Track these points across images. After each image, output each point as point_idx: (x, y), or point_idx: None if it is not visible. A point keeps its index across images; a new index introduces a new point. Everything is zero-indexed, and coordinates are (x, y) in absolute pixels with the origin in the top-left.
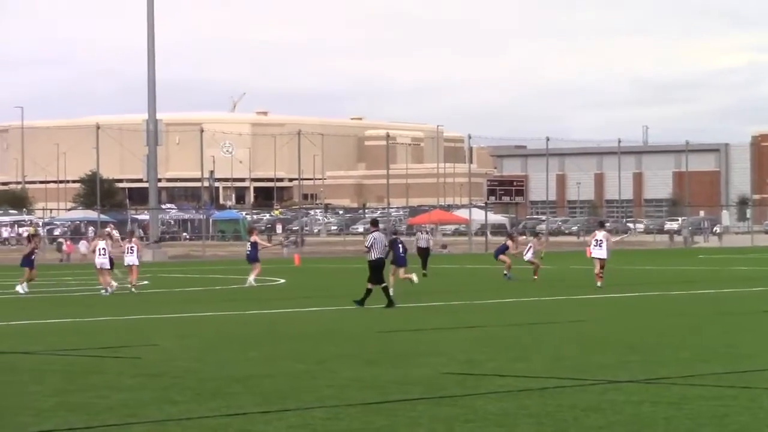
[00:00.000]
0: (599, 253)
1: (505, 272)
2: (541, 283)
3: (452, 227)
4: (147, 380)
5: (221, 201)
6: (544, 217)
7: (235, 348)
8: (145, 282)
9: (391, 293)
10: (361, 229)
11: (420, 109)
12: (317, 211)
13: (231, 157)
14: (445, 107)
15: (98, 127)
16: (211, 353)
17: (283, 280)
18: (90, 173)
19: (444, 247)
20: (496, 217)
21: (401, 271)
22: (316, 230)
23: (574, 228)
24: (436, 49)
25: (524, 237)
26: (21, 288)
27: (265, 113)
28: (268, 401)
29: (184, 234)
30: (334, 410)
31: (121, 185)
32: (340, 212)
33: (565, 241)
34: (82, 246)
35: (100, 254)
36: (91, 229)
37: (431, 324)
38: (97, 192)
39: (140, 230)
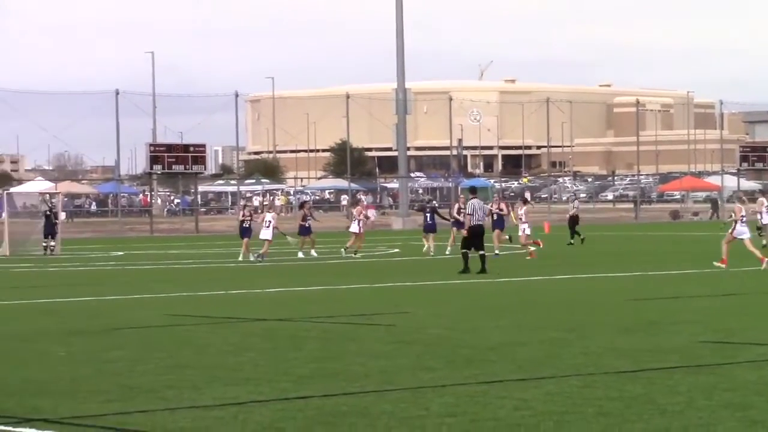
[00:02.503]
0: (744, 231)
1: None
2: None
3: (703, 194)
4: (401, 347)
5: (469, 169)
6: None
7: (487, 316)
8: (396, 250)
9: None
10: (610, 196)
11: (669, 75)
12: (566, 178)
13: (479, 125)
14: (695, 73)
15: (348, 97)
16: (463, 321)
17: (532, 248)
18: (340, 142)
19: (695, 214)
20: (748, 184)
21: (431, 236)
22: (564, 198)
23: None
24: (687, 14)
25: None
26: (311, 252)
27: (512, 81)
28: (523, 369)
29: (433, 202)
30: (589, 378)
31: (370, 154)
32: (589, 180)
33: None
34: (371, 213)
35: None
36: (343, 197)
37: (685, 292)
38: (347, 161)
39: (390, 198)
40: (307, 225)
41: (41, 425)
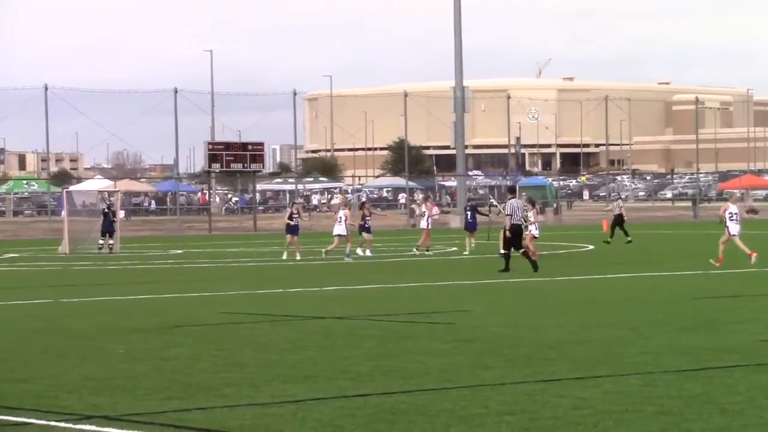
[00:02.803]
0: (737, 229)
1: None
2: None
3: (763, 192)
4: (460, 345)
5: (527, 167)
6: None
7: (546, 314)
8: (454, 248)
9: (510, 258)
10: (669, 195)
11: (728, 73)
12: (624, 176)
13: (537, 123)
14: (754, 70)
15: (406, 95)
16: (523, 319)
17: (591, 246)
18: (398, 140)
19: (755, 212)
20: None
21: (472, 234)
22: (623, 196)
23: None
24: (746, 10)
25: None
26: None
27: (570, 79)
28: (582, 368)
29: (491, 200)
30: (649, 377)
31: (428, 152)
32: (648, 178)
33: None
34: (435, 209)
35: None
36: (401, 195)
37: (747, 290)
38: (405, 159)
39: (447, 196)
40: (366, 225)
41: (101, 422)
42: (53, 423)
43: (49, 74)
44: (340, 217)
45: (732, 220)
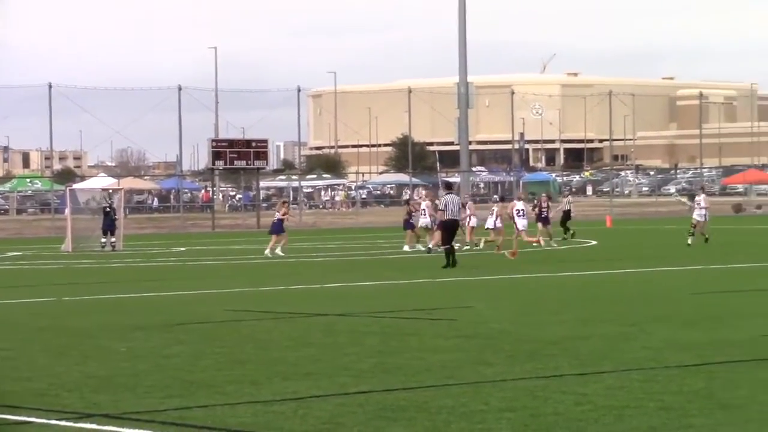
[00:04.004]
0: (524, 223)
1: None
2: None
3: (767, 187)
4: (462, 342)
5: (531, 163)
6: None
7: (548, 310)
8: (458, 245)
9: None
10: (672, 189)
11: (732, 68)
12: (628, 172)
13: (541, 119)
14: (759, 65)
15: (410, 91)
16: (524, 315)
17: (594, 242)
18: (401, 137)
19: (758, 207)
20: None
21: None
22: (626, 191)
23: None
24: (749, 5)
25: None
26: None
27: (575, 74)
28: (584, 363)
29: (495, 197)
30: (651, 372)
31: (431, 148)
32: (651, 173)
33: None
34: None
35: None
36: (405, 192)
37: (748, 285)
38: (409, 155)
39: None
40: (411, 220)
41: (101, 420)
42: (54, 422)
43: (53, 72)
44: (424, 210)
45: (519, 216)
